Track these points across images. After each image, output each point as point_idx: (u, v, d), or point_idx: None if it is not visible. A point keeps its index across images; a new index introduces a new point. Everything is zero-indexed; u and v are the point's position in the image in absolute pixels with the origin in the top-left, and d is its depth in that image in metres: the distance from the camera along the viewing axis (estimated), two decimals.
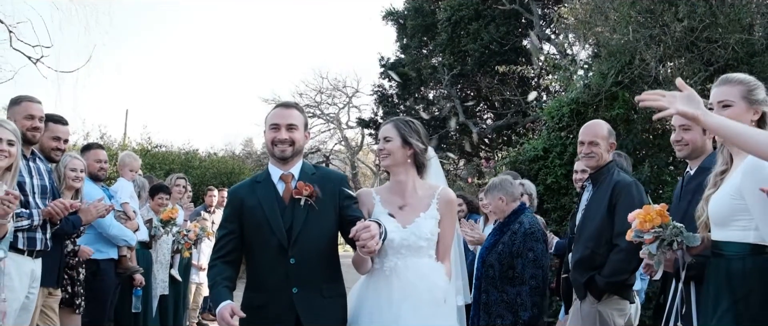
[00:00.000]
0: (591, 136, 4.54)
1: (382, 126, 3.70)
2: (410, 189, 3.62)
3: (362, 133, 30.88)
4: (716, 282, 3.03)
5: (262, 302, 3.37)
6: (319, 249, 3.42)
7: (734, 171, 3.04)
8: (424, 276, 3.43)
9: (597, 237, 4.25)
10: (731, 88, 3.13)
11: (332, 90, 33.89)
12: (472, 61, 18.74)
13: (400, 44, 22.39)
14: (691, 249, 3.15)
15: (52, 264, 4.82)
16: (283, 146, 3.49)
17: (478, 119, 21.51)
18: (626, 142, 9.48)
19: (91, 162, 5.92)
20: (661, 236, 3.14)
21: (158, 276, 6.95)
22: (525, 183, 6.34)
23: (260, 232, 3.41)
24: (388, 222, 3.45)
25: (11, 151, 4.10)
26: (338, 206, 3.49)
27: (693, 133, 3.76)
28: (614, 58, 9.69)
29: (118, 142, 17.89)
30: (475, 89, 20.90)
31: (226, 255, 3.46)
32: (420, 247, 3.49)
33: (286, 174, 3.51)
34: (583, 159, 4.58)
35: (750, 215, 2.91)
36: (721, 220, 3.03)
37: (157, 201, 7.24)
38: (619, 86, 9.54)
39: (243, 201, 3.48)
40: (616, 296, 4.32)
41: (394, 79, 20.41)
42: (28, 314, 4.58)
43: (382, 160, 3.63)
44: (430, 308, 3.36)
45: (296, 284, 3.34)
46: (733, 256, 2.97)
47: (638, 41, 9.19)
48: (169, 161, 15.53)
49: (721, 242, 3.04)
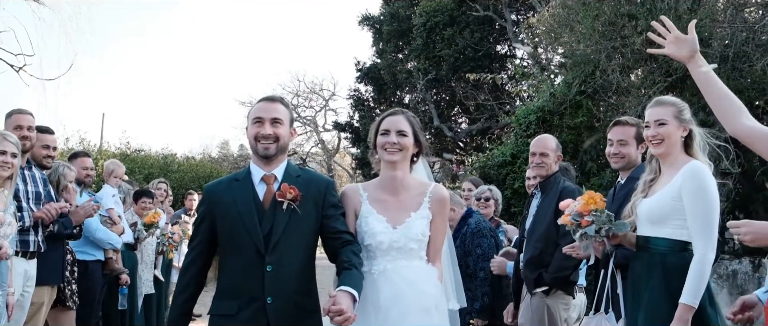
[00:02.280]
0: (541, 148, 4.98)
1: (388, 116, 3.44)
2: (403, 185, 3.39)
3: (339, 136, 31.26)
4: (641, 273, 3.53)
5: (232, 311, 3.11)
6: (299, 257, 3.17)
7: (674, 177, 3.51)
8: (414, 283, 3.21)
9: (545, 238, 4.69)
10: (665, 108, 3.62)
11: (309, 93, 34.29)
12: (446, 66, 19.19)
13: (376, 49, 22.75)
14: (612, 238, 3.62)
15: (56, 263, 5.22)
16: (267, 142, 3.22)
17: (453, 123, 21.98)
18: (589, 149, 9.96)
19: (78, 169, 6.23)
20: (597, 220, 3.60)
21: (143, 276, 7.27)
22: (492, 188, 6.78)
23: (235, 235, 3.16)
24: (376, 222, 3.29)
25: (13, 163, 4.45)
26: (322, 214, 3.24)
27: (629, 148, 4.24)
28: (578, 68, 10.17)
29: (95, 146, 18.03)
30: (449, 94, 21.36)
31: (195, 262, 3.28)
32: (410, 249, 3.28)
33: (269, 175, 3.25)
34: (534, 168, 5.02)
35: (684, 216, 3.40)
36: (659, 219, 3.50)
37: (141, 205, 7.54)
38: (583, 95, 10.03)
39: (218, 200, 3.24)
40: (561, 291, 4.78)
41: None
42: (23, 312, 4.91)
43: (393, 153, 3.34)
44: (419, 317, 3.14)
45: (271, 294, 3.08)
46: (666, 251, 3.47)
47: (600, 53, 9.67)
48: (148, 165, 15.74)
49: (651, 238, 3.53)
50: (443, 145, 21.84)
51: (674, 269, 3.41)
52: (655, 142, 3.60)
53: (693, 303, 3.27)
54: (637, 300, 3.56)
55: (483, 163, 10.97)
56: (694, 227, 3.37)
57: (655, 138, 3.59)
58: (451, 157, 19.02)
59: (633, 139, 4.23)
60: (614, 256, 3.82)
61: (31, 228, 4.91)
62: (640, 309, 3.52)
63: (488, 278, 5.42)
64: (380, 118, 3.47)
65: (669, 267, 3.43)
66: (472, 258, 5.50)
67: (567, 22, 10.87)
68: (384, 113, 3.51)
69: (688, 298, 3.28)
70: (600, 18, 10.11)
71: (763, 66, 9.07)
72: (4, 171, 4.43)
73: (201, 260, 3.29)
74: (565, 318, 4.82)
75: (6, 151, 4.44)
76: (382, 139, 3.37)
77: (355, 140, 24.62)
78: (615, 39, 9.74)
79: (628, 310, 3.66)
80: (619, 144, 4.25)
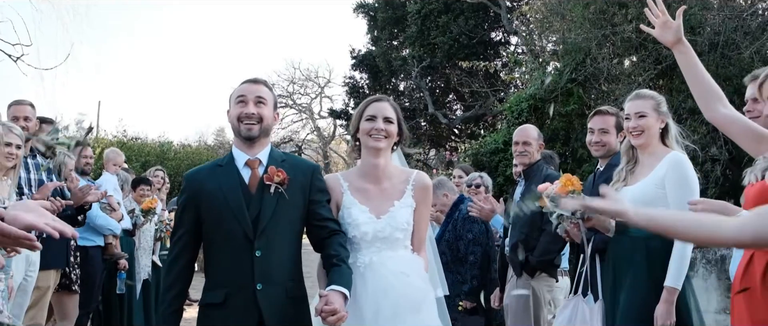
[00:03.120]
0: (524, 137, 5.19)
1: (373, 102, 3.36)
2: (385, 174, 3.32)
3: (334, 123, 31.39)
4: (623, 256, 3.75)
5: (221, 299, 3.03)
6: (288, 242, 3.11)
7: (656, 166, 3.71)
8: (401, 274, 3.14)
9: (530, 224, 4.87)
10: (645, 101, 3.83)
11: (304, 80, 34.35)
12: (441, 54, 19.28)
13: (371, 36, 22.80)
14: (586, 221, 3.82)
15: (60, 248, 5.41)
16: (250, 122, 3.14)
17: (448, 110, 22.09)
18: (581, 136, 10.10)
19: (78, 158, 6.38)
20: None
21: (142, 262, 7.42)
22: (483, 175, 6.95)
23: (222, 222, 3.07)
24: (359, 213, 3.22)
25: (18, 154, 4.61)
26: (309, 199, 3.16)
27: (609, 136, 4.42)
28: (570, 56, 10.31)
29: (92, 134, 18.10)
30: (444, 81, 21.46)
31: (181, 256, 3.17)
32: (396, 239, 3.22)
33: (253, 159, 3.16)
34: (517, 156, 5.24)
35: (666, 202, 3.61)
36: (643, 205, 3.62)
37: (139, 192, 7.68)
38: (574, 83, 10.17)
39: (202, 187, 3.13)
40: (545, 274, 4.99)
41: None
42: (27, 295, 5.07)
43: (379, 140, 3.26)
44: (408, 311, 3.09)
45: (261, 280, 3.01)
46: (648, 235, 3.57)
47: (591, 41, 9.81)
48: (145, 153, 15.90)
49: None
50: (438, 132, 21.98)
51: (657, 252, 3.61)
52: (636, 133, 3.80)
53: (677, 285, 3.51)
54: (617, 282, 3.75)
55: (476, 150, 11.13)
56: None
57: (636, 129, 3.79)
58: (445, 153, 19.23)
59: (613, 127, 4.41)
60: (593, 241, 4.02)
61: None
62: (622, 291, 3.71)
63: (477, 262, 5.65)
64: (365, 104, 3.39)
65: (652, 251, 3.63)
66: (463, 242, 5.72)
67: (558, 10, 11.00)
68: (368, 99, 3.44)
69: (673, 281, 3.52)
70: (591, 6, 10.25)
71: (751, 53, 9.23)
72: (8, 162, 4.59)
73: (187, 253, 3.18)
74: (549, 300, 5.02)
75: (11, 143, 4.60)
76: (367, 124, 3.28)
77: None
78: (605, 27, 9.88)
79: (606, 292, 3.86)
80: (601, 132, 4.42)
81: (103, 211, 6.47)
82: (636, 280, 3.65)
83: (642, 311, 3.59)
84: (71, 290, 5.79)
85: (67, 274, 5.69)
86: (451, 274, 5.57)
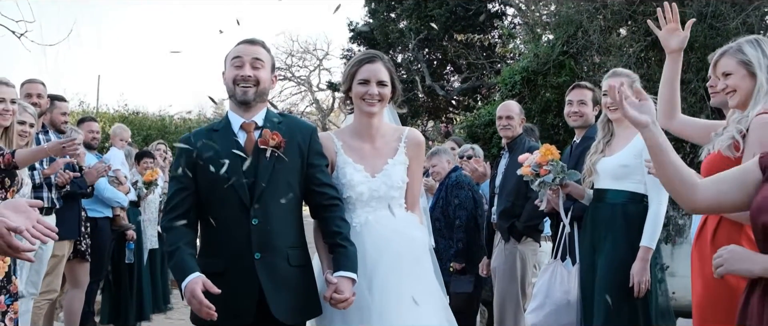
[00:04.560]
0: (507, 112, 5.57)
1: (366, 63, 3.20)
2: (379, 132, 3.24)
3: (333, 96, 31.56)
4: (601, 221, 4.07)
5: (218, 269, 2.90)
6: (286, 209, 2.98)
7: (633, 138, 3.97)
8: (400, 231, 3.11)
9: (515, 192, 5.19)
10: (621, 79, 4.06)
11: (303, 52, 34.43)
12: (438, 25, 19.42)
13: (369, 9, 22.89)
14: (565, 187, 4.20)
15: (73, 219, 5.71)
16: (246, 85, 3.00)
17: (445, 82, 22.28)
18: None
19: (85, 132, 6.66)
20: (553, 169, 4.16)
21: (147, 232, 7.74)
22: (475, 147, 7.29)
23: (217, 189, 2.93)
24: (354, 172, 3.14)
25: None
26: (307, 162, 3.04)
27: (586, 108, 4.70)
28: (561, 28, 10.52)
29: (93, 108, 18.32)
30: (441, 52, 21.62)
31: (182, 216, 2.98)
32: (392, 197, 3.15)
33: (248, 122, 3.03)
34: (501, 130, 5.62)
35: (642, 172, 3.90)
36: (623, 174, 4.02)
37: (143, 165, 7.97)
38: (566, 55, 10.39)
39: (197, 152, 2.98)
40: (530, 238, 5.34)
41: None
42: (43, 264, 5.38)
43: (373, 105, 3.16)
44: (409, 265, 3.04)
45: (259, 249, 2.91)
46: (626, 201, 4.01)
47: (582, 14, 10.02)
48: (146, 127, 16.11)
49: (610, 190, 4.06)
50: (436, 104, 22.18)
51: (634, 217, 3.95)
52: (613, 108, 4.08)
53: (652, 245, 3.87)
54: (596, 246, 4.07)
55: (470, 122, 11.38)
56: (651, 183, 3.87)
57: (614, 105, 4.04)
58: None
59: (590, 100, 4.71)
60: (571, 209, 4.34)
61: (45, 185, 5.37)
62: (601, 254, 4.03)
63: (463, 225, 6.00)
64: (356, 63, 3.23)
65: (629, 216, 3.97)
66: (452, 207, 6.07)
67: None
68: (360, 56, 3.28)
69: (647, 241, 3.87)
70: None
71: (737, 25, 9.44)
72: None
73: (183, 211, 2.99)
74: (534, 263, 5.35)
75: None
76: (360, 88, 3.17)
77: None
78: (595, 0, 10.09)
79: (584, 256, 4.19)
80: (579, 103, 4.70)
81: (110, 185, 6.75)
82: (615, 244, 3.97)
83: (619, 271, 3.92)
84: (83, 259, 6.09)
85: (78, 244, 5.99)
86: (443, 240, 5.93)
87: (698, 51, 9.59)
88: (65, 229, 5.51)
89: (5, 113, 4.41)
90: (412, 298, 2.95)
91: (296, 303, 2.97)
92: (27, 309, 5.16)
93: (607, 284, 3.94)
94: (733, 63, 3.05)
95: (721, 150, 2.97)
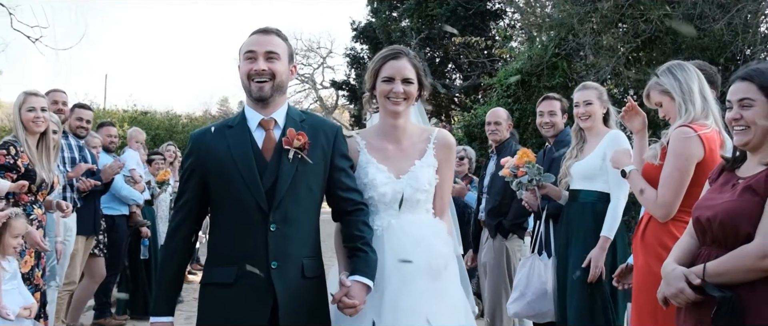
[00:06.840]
0: (495, 118, 5.98)
1: (390, 60, 3.00)
2: (405, 133, 3.04)
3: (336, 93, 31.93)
4: (574, 218, 4.52)
5: (230, 279, 2.68)
6: (306, 215, 2.76)
7: (599, 144, 4.46)
8: (422, 240, 2.87)
9: (503, 192, 5.55)
10: (591, 91, 4.63)
11: (306, 51, 34.86)
12: (439, 25, 19.76)
13: (371, 8, 23.26)
14: (540, 187, 4.69)
15: (91, 217, 6.24)
16: (261, 81, 2.76)
17: (447, 80, 22.65)
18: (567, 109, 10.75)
19: (103, 136, 7.17)
20: (530, 171, 4.64)
21: (160, 229, 8.18)
22: (466, 148, 7.79)
23: (231, 191, 2.71)
24: (378, 172, 2.94)
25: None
26: (331, 165, 2.82)
27: (557, 118, 5.18)
28: (554, 31, 10.91)
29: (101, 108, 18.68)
30: (442, 51, 21.97)
31: (182, 225, 2.84)
32: (417, 201, 2.94)
33: (268, 119, 2.80)
34: (490, 135, 6.01)
35: (607, 172, 4.37)
36: (591, 176, 4.49)
37: (154, 166, 8.44)
38: (558, 57, 10.79)
39: (209, 150, 2.77)
40: (516, 235, 5.74)
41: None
42: (65, 258, 5.84)
43: (398, 103, 2.97)
44: (427, 281, 2.80)
45: (276, 257, 2.67)
46: (595, 200, 4.47)
47: (573, 18, 10.41)
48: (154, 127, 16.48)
49: (582, 191, 4.52)
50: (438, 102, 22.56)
51: (602, 214, 4.40)
52: (584, 118, 4.58)
53: (610, 235, 4.33)
54: (570, 240, 4.52)
55: (468, 122, 11.77)
56: (613, 181, 4.33)
57: (584, 115, 4.58)
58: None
59: (560, 110, 5.20)
60: (547, 208, 4.81)
61: (68, 186, 5.84)
62: (573, 247, 4.49)
63: None
64: (381, 60, 3.03)
65: (598, 213, 4.43)
66: None
67: None
68: (385, 52, 3.06)
69: (607, 231, 4.34)
70: None
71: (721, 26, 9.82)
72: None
73: (188, 224, 2.85)
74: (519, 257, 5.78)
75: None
76: (385, 86, 2.99)
77: (352, 98, 25.41)
78: (586, 4, 10.47)
79: (560, 250, 4.63)
80: (549, 114, 5.19)
81: (127, 183, 7.20)
82: (585, 238, 4.44)
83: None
84: (100, 254, 6.56)
85: (97, 240, 6.45)
86: None
87: (685, 52, 9.99)
88: (85, 226, 6.01)
89: (37, 120, 4.84)
90: (427, 319, 2.75)
91: (307, 322, 2.74)
92: (52, 298, 5.61)
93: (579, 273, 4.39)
94: (657, 94, 3.55)
95: (648, 159, 3.49)
